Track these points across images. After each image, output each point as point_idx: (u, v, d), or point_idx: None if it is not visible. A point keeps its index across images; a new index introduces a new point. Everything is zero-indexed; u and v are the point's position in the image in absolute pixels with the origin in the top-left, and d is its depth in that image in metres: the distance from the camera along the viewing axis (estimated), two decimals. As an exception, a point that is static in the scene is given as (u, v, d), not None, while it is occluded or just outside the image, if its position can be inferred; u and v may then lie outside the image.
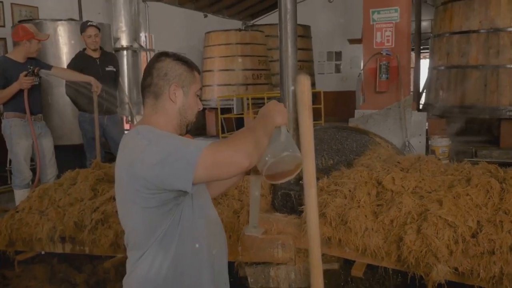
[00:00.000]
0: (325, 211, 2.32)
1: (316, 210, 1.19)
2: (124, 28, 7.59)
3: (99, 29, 4.44)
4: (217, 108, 8.28)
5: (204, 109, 8.73)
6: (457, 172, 2.40)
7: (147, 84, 1.53)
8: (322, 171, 3.20)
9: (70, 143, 5.79)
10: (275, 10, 12.37)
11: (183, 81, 1.53)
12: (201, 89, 1.60)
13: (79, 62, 4.42)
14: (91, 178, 3.06)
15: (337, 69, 12.79)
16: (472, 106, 6.04)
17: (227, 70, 9.44)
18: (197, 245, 1.47)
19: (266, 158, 1.38)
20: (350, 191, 2.36)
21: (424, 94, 7.56)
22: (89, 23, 4.39)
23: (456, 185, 2.28)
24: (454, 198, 2.17)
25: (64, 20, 6.17)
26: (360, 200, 2.31)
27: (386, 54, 5.94)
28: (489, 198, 2.16)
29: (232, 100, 8.65)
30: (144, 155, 1.33)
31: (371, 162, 2.66)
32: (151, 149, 1.34)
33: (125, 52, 7.42)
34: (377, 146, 3.08)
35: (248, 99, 8.24)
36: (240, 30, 10.16)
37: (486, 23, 5.88)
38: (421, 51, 9.15)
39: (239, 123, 8.44)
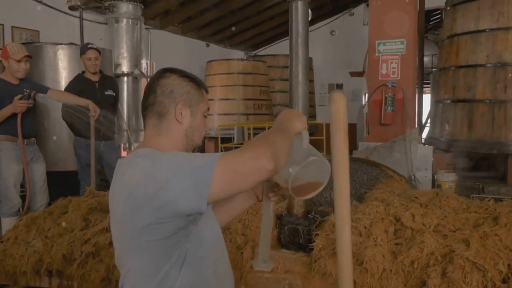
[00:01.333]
0: (338, 250, 2.11)
1: (350, 255, 0.99)
2: (125, 54, 7.52)
3: (99, 52, 4.31)
4: (217, 138, 8.12)
5: (203, 138, 8.59)
6: (481, 210, 2.21)
7: (149, 103, 1.35)
8: (330, 205, 3.01)
9: (64, 170, 5.59)
10: (278, 41, 12.41)
11: (190, 100, 1.36)
12: (208, 109, 1.43)
13: (78, 85, 4.26)
14: (83, 207, 2.85)
15: (338, 102, 12.71)
16: (479, 141, 5.89)
17: (228, 99, 9.34)
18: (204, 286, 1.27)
19: (290, 169, 1.21)
20: (365, 227, 2.16)
21: (427, 128, 7.44)
22: (89, 46, 4.26)
23: (481, 223, 2.09)
24: (481, 238, 1.98)
25: (65, 44, 6.08)
26: (377, 238, 2.11)
27: (392, 86, 5.84)
28: (519, 239, 1.97)
29: (233, 129, 8.52)
30: (148, 178, 1.14)
31: (385, 196, 2.47)
32: (156, 169, 1.15)
33: (125, 78, 7.32)
34: (390, 180, 2.90)
35: (249, 128, 8.10)
36: (242, 59, 10.13)
37: (493, 57, 5.79)
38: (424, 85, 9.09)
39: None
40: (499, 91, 5.78)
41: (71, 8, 7.59)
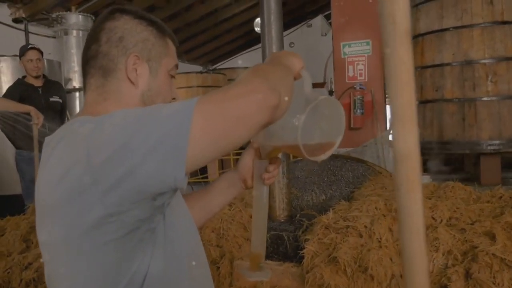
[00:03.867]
0: (337, 255, 1.75)
1: (423, 236, 0.62)
2: (76, 68, 7.01)
3: (42, 53, 3.84)
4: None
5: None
6: (494, 199, 1.92)
7: (91, 55, 0.96)
8: (313, 208, 2.66)
9: (9, 193, 5.02)
10: (236, 55, 12.16)
11: (149, 51, 0.97)
12: (177, 66, 1.05)
13: (17, 90, 3.76)
14: (23, 227, 2.38)
15: (300, 113, 12.55)
16: (451, 142, 5.75)
17: (188, 113, 8.96)
18: None
19: (294, 121, 0.87)
20: (366, 227, 1.81)
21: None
22: (29, 46, 3.79)
23: (500, 214, 1.78)
24: (504, 230, 1.67)
25: (8, 56, 5.58)
26: (380, 239, 1.76)
27: (360, 88, 5.63)
28: (547, 229, 1.67)
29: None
30: (91, 146, 0.75)
31: (380, 192, 2.15)
32: (103, 132, 0.75)
33: (77, 93, 6.80)
34: (379, 176, 2.59)
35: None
36: (201, 72, 9.80)
37: (459, 56, 5.70)
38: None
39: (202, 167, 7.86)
40: (468, 89, 5.67)
41: (15, 20, 7.06)
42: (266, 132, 1.03)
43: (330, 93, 8.39)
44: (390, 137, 7.16)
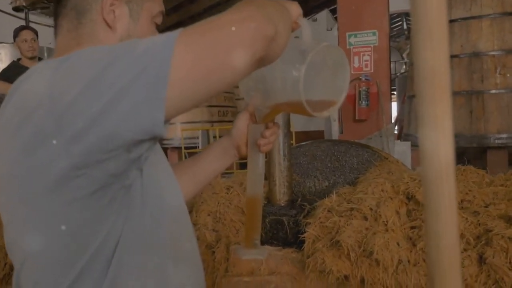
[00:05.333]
0: (340, 239, 1.64)
1: (455, 209, 0.48)
2: (77, 58, 6.94)
3: (36, 34, 3.73)
4: (180, 147, 7.61)
5: (166, 148, 8.00)
6: (508, 182, 1.80)
7: None
8: (315, 195, 2.55)
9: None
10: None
11: None
12: (162, 13, 0.94)
13: (12, 73, 3.65)
14: (12, 209, 2.28)
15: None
16: (458, 135, 5.63)
17: (190, 106, 8.83)
18: None
19: (293, 72, 0.78)
20: (371, 209, 1.70)
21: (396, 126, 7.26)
22: (23, 26, 3.70)
23: (515, 197, 1.66)
24: (520, 213, 1.55)
25: (6, 43, 5.50)
26: (387, 222, 1.65)
27: (365, 79, 5.51)
28: None
29: (197, 138, 8.01)
30: (53, 88, 0.64)
31: (387, 176, 2.03)
32: (67, 70, 0.64)
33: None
34: (385, 162, 2.46)
35: (214, 136, 7.61)
36: (204, 65, 9.69)
37: (467, 47, 5.58)
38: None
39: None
40: (476, 81, 5.54)
41: (15, 9, 6.96)
42: (263, 91, 0.93)
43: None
44: (395, 131, 7.06)
